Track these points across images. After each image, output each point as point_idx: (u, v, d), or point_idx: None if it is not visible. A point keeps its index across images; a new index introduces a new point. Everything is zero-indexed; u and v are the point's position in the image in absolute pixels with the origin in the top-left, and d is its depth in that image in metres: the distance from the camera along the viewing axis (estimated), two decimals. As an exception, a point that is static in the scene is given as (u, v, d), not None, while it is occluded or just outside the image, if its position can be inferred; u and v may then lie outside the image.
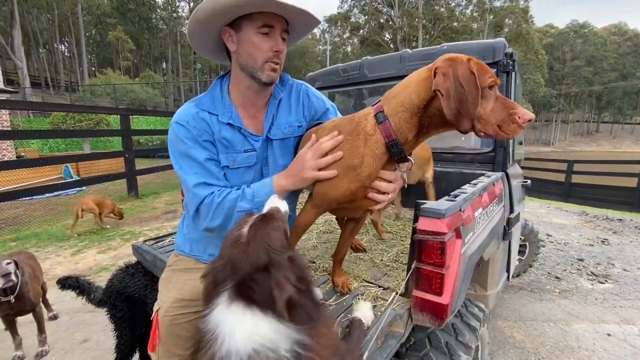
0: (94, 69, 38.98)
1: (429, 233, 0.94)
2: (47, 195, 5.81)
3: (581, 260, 3.67)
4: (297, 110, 1.11)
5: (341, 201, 0.94)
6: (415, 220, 1.00)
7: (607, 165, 9.67)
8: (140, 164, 7.56)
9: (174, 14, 36.52)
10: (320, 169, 0.92)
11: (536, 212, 6.13)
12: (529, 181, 2.39)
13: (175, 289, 1.05)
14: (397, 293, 1.06)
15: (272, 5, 0.85)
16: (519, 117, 0.77)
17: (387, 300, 1.07)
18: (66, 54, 39.36)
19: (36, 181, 6.56)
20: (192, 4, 36.90)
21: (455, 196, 1.11)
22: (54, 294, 2.58)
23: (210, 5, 0.85)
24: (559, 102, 48.64)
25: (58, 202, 6.06)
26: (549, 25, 54.70)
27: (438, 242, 0.93)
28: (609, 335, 2.28)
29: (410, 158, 0.89)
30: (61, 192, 6.28)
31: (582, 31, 48.38)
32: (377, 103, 0.92)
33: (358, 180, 0.89)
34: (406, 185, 0.97)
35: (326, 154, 0.91)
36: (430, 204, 0.98)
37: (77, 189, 6.67)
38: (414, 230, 1.00)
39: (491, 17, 36.37)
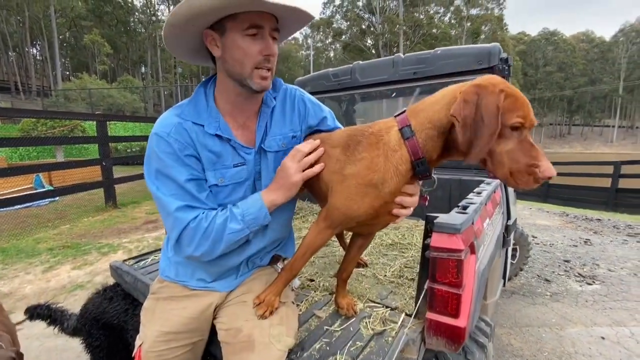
0: (68, 73, 37.51)
1: (444, 250, 0.87)
2: (16, 207, 5.44)
3: (567, 261, 3.73)
4: (292, 119, 1.01)
5: (362, 220, 0.86)
6: (427, 235, 0.93)
7: (582, 167, 10.06)
8: (119, 171, 7.24)
9: (153, 17, 35.71)
10: (304, 169, 0.88)
11: (520, 213, 6.26)
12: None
13: (160, 320, 0.93)
14: (409, 314, 0.98)
15: (257, 4, 0.74)
16: (539, 172, 0.68)
17: (396, 323, 0.99)
18: (38, 57, 37.73)
19: (4, 192, 6.14)
20: (172, 7, 36.26)
21: (465, 207, 1.04)
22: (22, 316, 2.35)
23: (186, 9, 0.74)
24: (533, 106, 50.55)
25: (28, 214, 5.69)
26: (522, 32, 57.22)
27: (454, 260, 0.85)
28: (603, 338, 2.29)
29: (434, 176, 0.82)
30: (32, 203, 5.89)
31: (552, 38, 50.87)
32: (400, 114, 0.85)
33: (381, 198, 0.82)
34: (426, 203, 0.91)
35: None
36: (444, 217, 0.90)
37: (49, 199, 6.29)
38: (425, 247, 0.92)
39: (468, 24, 37.62)
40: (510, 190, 2.06)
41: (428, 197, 0.90)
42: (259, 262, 1.04)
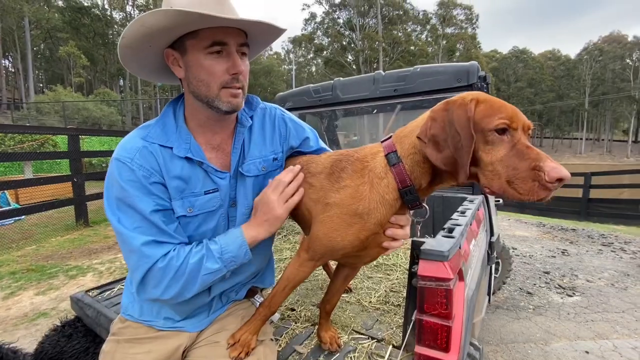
0: (41, 85, 36.22)
1: (432, 279, 0.82)
2: (-24, 227, 5.05)
3: (547, 273, 3.79)
4: (273, 140, 0.94)
5: (348, 252, 0.80)
6: (413, 262, 0.88)
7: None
8: (92, 187, 6.90)
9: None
10: (287, 200, 0.82)
11: (499, 224, 6.38)
12: (501, 200, 2.41)
13: (120, 366, 0.82)
14: (397, 347, 0.91)
15: (209, 21, 0.68)
16: (544, 174, 0.56)
17: (383, 358, 0.92)
18: (10, 69, 36.27)
19: (-37, 211, 5.71)
20: (163, 4, 35.92)
21: (451, 230, 1.00)
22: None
23: (137, 29, 0.68)
24: (507, 119, 53.04)
25: (-10, 234, 5.30)
26: (494, 50, 60.29)
27: (443, 290, 0.80)
28: (587, 352, 2.29)
29: (426, 205, 0.77)
30: (-6, 223, 5.50)
31: (522, 56, 53.85)
32: (386, 140, 0.80)
33: (367, 229, 0.76)
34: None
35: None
36: (430, 243, 0.86)
37: (14, 218, 5.89)
38: (412, 274, 0.87)
39: (444, 42, 39.29)
40: (492, 204, 2.06)
41: (420, 227, 0.85)
42: (234, 296, 0.95)
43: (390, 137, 0.81)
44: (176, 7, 0.65)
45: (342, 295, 1.33)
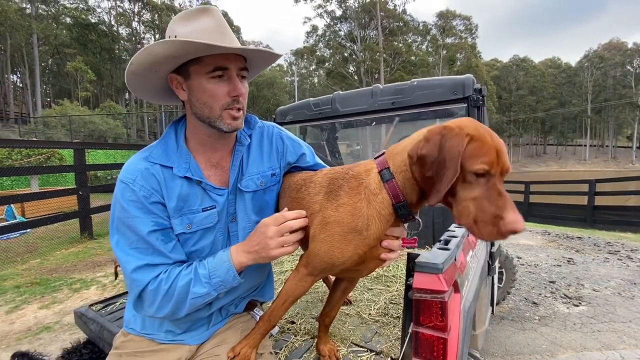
0: (49, 99, 36.91)
1: (427, 291, 0.83)
2: (-18, 241, 5.11)
3: (553, 282, 3.74)
4: (270, 157, 0.98)
5: (347, 267, 0.82)
6: (409, 274, 0.89)
7: (559, 185, 10.42)
8: (97, 199, 6.98)
9: (139, 45, 36.06)
10: (284, 246, 0.81)
11: (504, 234, 6.33)
12: None
13: (122, 379, 0.84)
14: (395, 359, 0.92)
15: (214, 50, 0.73)
16: (502, 224, 0.62)
17: (382, 370, 0.93)
18: (18, 84, 37.11)
19: (-30, 225, 5.78)
20: (157, 36, 36.79)
21: (447, 242, 1.02)
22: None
23: (145, 57, 0.73)
24: (509, 127, 53.10)
25: (-4, 248, 5.35)
26: (494, 59, 60.71)
27: (438, 302, 0.82)
28: (594, 364, 2.25)
29: (419, 218, 0.80)
30: (0, 236, 5.56)
31: (523, 64, 54.18)
32: (379, 156, 0.83)
33: (366, 244, 0.79)
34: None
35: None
36: (425, 256, 0.87)
37: (20, 231, 5.95)
38: (408, 287, 0.88)
39: (444, 52, 39.72)
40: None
41: (417, 239, 0.87)
42: (233, 309, 0.97)
43: (384, 153, 0.83)
44: (181, 37, 0.71)
45: (342, 307, 1.34)
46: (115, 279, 1.74)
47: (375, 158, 0.84)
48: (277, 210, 1.01)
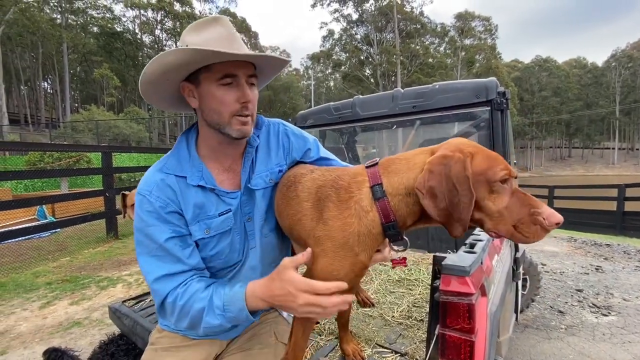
0: (77, 105, 38.69)
1: (454, 294, 0.84)
2: (18, 239, 5.39)
3: (580, 291, 3.60)
4: (277, 153, 1.00)
5: (349, 282, 0.80)
6: (435, 277, 0.90)
7: (586, 190, 10.00)
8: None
9: (160, 52, 37.28)
10: (309, 318, 0.82)
11: (527, 240, 6.13)
12: None
13: (159, 373, 0.89)
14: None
15: (222, 57, 0.76)
16: (543, 219, 0.64)
17: (407, 372, 0.94)
18: (49, 90, 39.10)
19: (7, 223, 6.13)
20: (178, 42, 37.89)
21: (472, 245, 1.02)
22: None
23: (157, 66, 0.77)
24: (531, 129, 51.44)
25: (29, 245, 5.64)
26: (515, 60, 59.13)
27: (465, 304, 0.82)
28: (625, 376, 2.16)
29: (406, 238, 0.78)
30: (33, 235, 5.86)
31: (545, 65, 52.44)
32: (372, 166, 0.79)
33: (359, 261, 0.77)
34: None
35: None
36: (452, 258, 0.88)
37: (51, 231, 6.26)
38: (434, 289, 0.89)
39: (463, 53, 39.01)
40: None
41: (407, 258, 0.86)
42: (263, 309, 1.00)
43: (376, 164, 0.79)
44: (192, 46, 0.74)
45: (365, 309, 1.36)
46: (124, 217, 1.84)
47: (366, 167, 0.81)
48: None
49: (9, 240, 5.46)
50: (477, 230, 1.23)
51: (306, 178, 0.89)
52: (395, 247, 0.79)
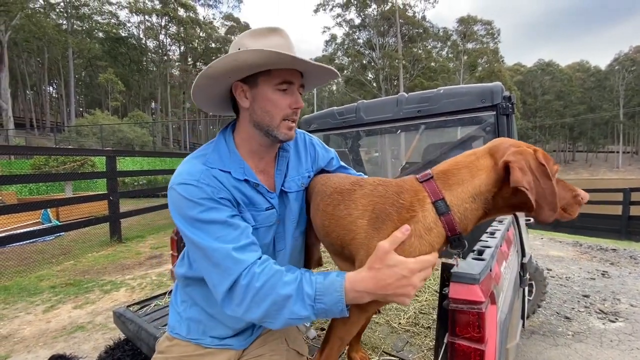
0: (81, 109, 39.06)
1: (464, 302, 0.83)
2: (22, 242, 5.42)
3: (587, 296, 3.56)
4: (306, 160, 1.05)
5: None
6: (444, 284, 0.89)
7: (591, 194, 9.88)
8: (125, 204, 7.27)
9: (165, 57, 37.66)
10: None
11: (532, 244, 6.09)
12: (532, 219, 2.34)
13: (169, 384, 0.87)
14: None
15: (299, 64, 0.80)
16: (581, 198, 0.80)
17: (415, 380, 0.92)
18: (54, 95, 39.52)
19: (12, 226, 6.16)
20: (182, 48, 38.29)
21: (481, 252, 1.01)
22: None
23: (230, 63, 0.76)
24: (534, 133, 51.28)
25: (33, 249, 5.66)
26: (517, 64, 59.07)
27: (475, 313, 0.81)
28: (635, 385, 2.12)
29: (465, 241, 0.80)
30: (37, 238, 5.89)
31: (548, 69, 52.40)
32: (427, 180, 0.77)
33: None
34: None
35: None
36: (461, 265, 0.87)
37: (55, 234, 6.29)
38: (443, 296, 0.88)
39: (465, 57, 39.05)
40: (522, 224, 2.01)
41: (459, 258, 0.85)
42: None
43: (431, 177, 0.78)
44: (257, 48, 0.75)
45: (372, 316, 1.34)
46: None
47: (421, 181, 0.79)
48: (305, 214, 1.03)
49: (14, 244, 5.49)
50: (485, 236, 1.22)
51: (357, 195, 0.84)
52: (455, 251, 0.81)
